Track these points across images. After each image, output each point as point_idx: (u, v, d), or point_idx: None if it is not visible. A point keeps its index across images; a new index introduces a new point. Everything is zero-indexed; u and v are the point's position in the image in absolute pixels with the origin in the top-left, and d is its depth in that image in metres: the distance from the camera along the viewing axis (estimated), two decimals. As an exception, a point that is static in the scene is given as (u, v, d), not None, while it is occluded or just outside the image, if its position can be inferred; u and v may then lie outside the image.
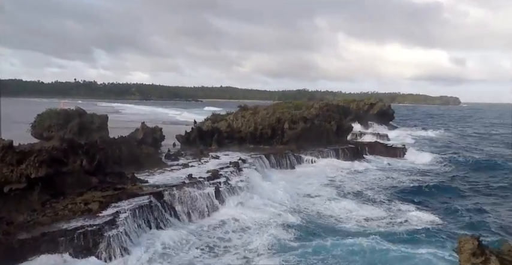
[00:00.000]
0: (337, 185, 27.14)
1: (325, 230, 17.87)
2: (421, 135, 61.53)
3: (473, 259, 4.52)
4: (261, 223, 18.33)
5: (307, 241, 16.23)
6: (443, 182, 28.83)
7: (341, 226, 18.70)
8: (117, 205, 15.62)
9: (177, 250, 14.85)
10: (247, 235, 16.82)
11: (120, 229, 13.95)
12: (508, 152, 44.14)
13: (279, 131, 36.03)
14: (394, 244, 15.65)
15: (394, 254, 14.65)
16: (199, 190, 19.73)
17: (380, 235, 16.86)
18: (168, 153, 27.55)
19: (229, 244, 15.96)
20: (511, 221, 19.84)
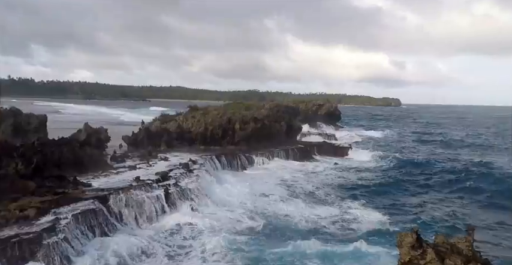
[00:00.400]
0: (289, 185, 27.48)
1: (280, 231, 17.99)
2: (366, 135, 64.24)
3: (412, 252, 4.69)
4: (214, 227, 18.12)
5: (264, 243, 16.25)
6: (387, 180, 30.30)
7: (296, 226, 18.91)
8: (57, 211, 14.71)
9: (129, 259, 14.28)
10: (201, 240, 16.43)
11: (60, 236, 13.16)
12: (439, 151, 47.43)
13: (229, 132, 35.95)
14: (345, 243, 16.20)
15: (346, 252, 15.16)
16: (147, 193, 19.15)
17: (331, 235, 17.42)
18: (114, 155, 26.52)
19: (183, 252, 15.58)
20: (445, 213, 21.34)
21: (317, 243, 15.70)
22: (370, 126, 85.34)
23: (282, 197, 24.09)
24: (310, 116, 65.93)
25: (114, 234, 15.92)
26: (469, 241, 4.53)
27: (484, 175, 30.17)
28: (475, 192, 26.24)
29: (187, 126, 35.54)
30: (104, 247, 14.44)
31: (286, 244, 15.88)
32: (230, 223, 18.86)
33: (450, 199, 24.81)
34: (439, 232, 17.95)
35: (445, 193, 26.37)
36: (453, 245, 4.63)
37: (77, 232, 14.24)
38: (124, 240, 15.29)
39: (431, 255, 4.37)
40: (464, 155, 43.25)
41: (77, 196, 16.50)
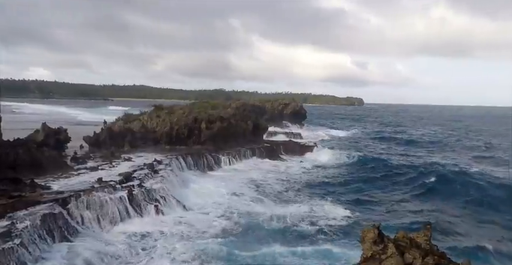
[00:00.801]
0: (259, 185, 27.49)
1: (253, 232, 17.96)
2: (330, 133, 65.43)
3: (374, 247, 4.80)
4: (180, 230, 17.86)
5: (237, 245, 16.16)
6: (350, 177, 31.10)
7: (269, 226, 18.94)
8: (13, 216, 14.04)
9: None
10: (166, 243, 16.09)
11: (16, 241, 12.53)
12: (400, 148, 49.43)
13: (195, 131, 35.58)
14: (316, 241, 16.61)
15: (317, 249, 15.54)
16: (110, 194, 18.62)
17: (301, 233, 17.69)
18: (75, 156, 25.62)
19: (148, 254, 15.23)
20: (401, 208, 22.29)
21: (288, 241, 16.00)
22: (335, 125, 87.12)
23: (248, 196, 24.14)
24: (276, 115, 66.50)
25: (76, 238, 15.36)
26: (427, 236, 4.70)
27: (437, 174, 31.34)
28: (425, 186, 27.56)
29: (151, 125, 34.85)
30: (63, 252, 13.92)
31: (255, 246, 15.92)
32: (197, 225, 18.66)
33: (411, 194, 25.86)
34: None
35: (406, 189, 27.35)
36: (412, 240, 4.78)
37: (34, 237, 13.61)
38: (87, 244, 14.82)
39: (392, 250, 4.48)
40: (420, 153, 45.17)
41: (34, 200, 15.80)
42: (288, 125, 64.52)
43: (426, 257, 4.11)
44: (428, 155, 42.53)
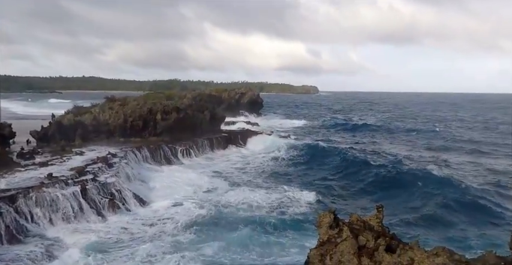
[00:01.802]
0: (225, 176, 27.36)
1: (227, 221, 18.00)
2: (287, 122, 66.14)
3: (330, 231, 4.95)
4: (145, 223, 17.61)
5: (211, 234, 16.29)
6: (307, 162, 31.94)
7: (243, 214, 19.13)
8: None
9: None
10: (134, 241, 15.75)
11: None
12: (348, 135, 51.30)
13: (151, 123, 34.75)
14: (288, 227, 17.15)
15: (289, 233, 16.13)
16: (62, 190, 17.90)
17: (274, 219, 18.17)
18: (21, 152, 24.28)
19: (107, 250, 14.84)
20: (353, 192, 23.73)
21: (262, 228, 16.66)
22: (291, 114, 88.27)
23: (203, 186, 24.14)
24: (233, 104, 66.31)
25: (25, 236, 14.67)
26: (379, 218, 4.91)
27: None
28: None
29: (104, 118, 33.58)
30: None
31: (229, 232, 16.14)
32: (154, 218, 18.43)
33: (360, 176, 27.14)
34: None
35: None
36: (365, 222, 4.98)
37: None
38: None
39: (346, 233, 4.66)
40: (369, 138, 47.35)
41: (-23, 199, 14.87)
42: (245, 114, 64.60)
43: (378, 239, 4.30)
44: (379, 143, 44.61)
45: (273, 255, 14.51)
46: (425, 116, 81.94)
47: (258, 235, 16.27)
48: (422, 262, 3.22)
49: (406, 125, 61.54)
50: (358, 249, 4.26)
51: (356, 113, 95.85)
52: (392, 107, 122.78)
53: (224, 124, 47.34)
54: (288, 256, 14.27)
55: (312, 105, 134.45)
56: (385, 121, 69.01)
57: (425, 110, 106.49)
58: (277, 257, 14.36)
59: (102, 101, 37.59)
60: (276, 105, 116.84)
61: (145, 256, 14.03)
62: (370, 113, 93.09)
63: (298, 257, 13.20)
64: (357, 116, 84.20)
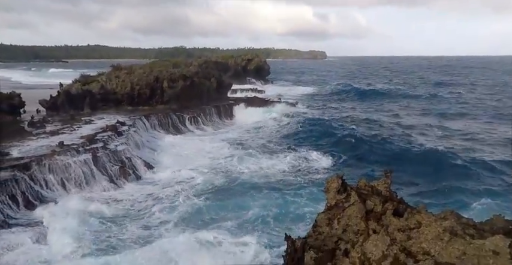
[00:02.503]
0: (234, 143, 27.49)
1: (242, 186, 18.34)
2: (294, 89, 65.52)
3: (338, 196, 5.03)
4: (156, 190, 17.94)
5: (226, 199, 16.60)
6: (322, 132, 31.84)
7: (257, 178, 19.55)
8: (-28, 184, 13.60)
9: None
10: (146, 208, 16.09)
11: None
12: (355, 102, 50.64)
13: (158, 91, 34.71)
14: (303, 189, 17.54)
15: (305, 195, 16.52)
16: (73, 158, 18.25)
17: (290, 182, 18.63)
18: (32, 121, 24.58)
19: (120, 215, 15.30)
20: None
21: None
22: (298, 80, 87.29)
23: (212, 153, 24.41)
24: (240, 71, 65.63)
25: (41, 202, 15.16)
26: (387, 184, 4.97)
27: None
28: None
29: (111, 86, 33.60)
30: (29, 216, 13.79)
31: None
32: (165, 185, 18.81)
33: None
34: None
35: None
36: (373, 187, 5.05)
37: (-3, 204, 13.34)
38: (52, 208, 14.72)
39: (354, 198, 4.75)
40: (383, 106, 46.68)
41: (-7, 167, 15.26)
42: (252, 81, 64.07)
43: (386, 203, 4.38)
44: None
45: (290, 214, 14.88)
46: (436, 80, 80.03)
47: (274, 198, 16.60)
48: (430, 226, 3.29)
49: (416, 90, 60.02)
50: (366, 213, 4.36)
51: (365, 78, 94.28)
52: (402, 71, 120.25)
53: (231, 91, 47.15)
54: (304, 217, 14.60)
55: (319, 70, 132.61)
56: (394, 86, 67.52)
57: (435, 74, 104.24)
58: (294, 214, 14.76)
59: (108, 69, 37.47)
60: (283, 72, 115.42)
61: (158, 223, 14.44)
62: (379, 78, 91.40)
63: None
64: (365, 81, 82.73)
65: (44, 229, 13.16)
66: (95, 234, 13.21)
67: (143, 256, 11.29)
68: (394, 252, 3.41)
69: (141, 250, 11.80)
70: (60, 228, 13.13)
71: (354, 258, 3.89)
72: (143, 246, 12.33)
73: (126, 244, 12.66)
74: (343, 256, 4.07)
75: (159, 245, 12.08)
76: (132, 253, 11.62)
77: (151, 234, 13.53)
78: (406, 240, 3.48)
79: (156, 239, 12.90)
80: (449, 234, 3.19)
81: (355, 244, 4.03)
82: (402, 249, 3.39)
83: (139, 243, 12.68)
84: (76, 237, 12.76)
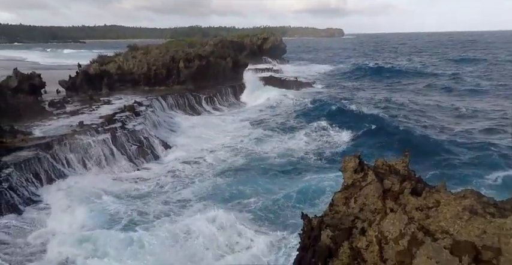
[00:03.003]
0: (252, 122, 27.59)
1: (263, 164, 18.54)
2: (311, 68, 64.69)
3: (354, 175, 5.02)
4: (174, 169, 18.22)
5: (248, 177, 16.76)
6: (342, 108, 31.64)
7: (277, 156, 19.74)
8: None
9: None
10: (166, 186, 16.39)
11: (4, 185, 12.70)
12: (374, 81, 49.51)
13: (174, 71, 34.75)
14: (325, 165, 17.69)
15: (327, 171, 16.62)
16: (93, 137, 18.62)
17: (311, 159, 18.73)
18: (52, 101, 25.04)
19: (138, 195, 15.62)
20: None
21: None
22: (315, 58, 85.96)
23: (230, 132, 24.50)
24: (256, 50, 64.88)
25: (63, 180, 15.61)
26: (406, 163, 4.93)
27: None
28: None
29: (128, 67, 33.78)
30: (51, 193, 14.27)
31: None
32: (183, 164, 19.06)
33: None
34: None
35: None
36: (391, 166, 5.01)
37: (21, 180, 13.79)
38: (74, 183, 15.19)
39: (371, 177, 4.72)
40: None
41: (16, 145, 15.74)
42: (268, 60, 63.37)
43: (404, 182, 4.35)
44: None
45: (311, 189, 15.09)
46: (458, 57, 77.23)
47: (296, 175, 16.79)
48: (449, 205, 3.25)
49: (438, 68, 58.01)
50: (383, 192, 4.33)
51: (383, 56, 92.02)
52: (422, 48, 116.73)
53: (247, 71, 46.83)
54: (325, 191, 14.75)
55: (336, 49, 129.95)
56: (415, 64, 65.63)
57: (457, 50, 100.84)
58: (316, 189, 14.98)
59: (125, 49, 37.59)
60: (300, 50, 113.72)
61: (177, 200, 14.73)
62: (398, 56, 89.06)
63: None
64: (384, 59, 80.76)
65: (66, 206, 13.59)
66: (116, 210, 13.58)
67: (166, 232, 11.62)
68: (411, 230, 3.40)
69: (164, 226, 12.13)
70: (81, 204, 13.57)
71: (371, 237, 3.90)
72: (165, 222, 12.65)
73: (149, 219, 12.99)
74: (359, 234, 4.09)
75: (181, 221, 12.39)
76: (154, 229, 11.97)
77: (171, 209, 13.84)
78: (424, 218, 3.47)
79: (178, 215, 13.20)
80: (469, 212, 3.16)
81: (372, 223, 4.04)
82: (420, 227, 3.38)
83: (161, 219, 13.00)
84: (98, 213, 13.18)
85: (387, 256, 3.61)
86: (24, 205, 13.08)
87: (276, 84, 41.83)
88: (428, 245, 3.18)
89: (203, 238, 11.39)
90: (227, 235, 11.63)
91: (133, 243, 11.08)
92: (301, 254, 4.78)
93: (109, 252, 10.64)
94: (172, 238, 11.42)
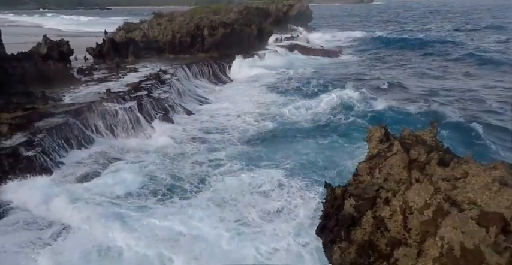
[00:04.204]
0: (279, 89, 27.48)
1: (291, 130, 18.82)
2: (337, 35, 62.48)
3: (380, 145, 4.96)
4: (200, 136, 18.54)
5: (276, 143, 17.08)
6: (367, 73, 30.97)
7: (305, 123, 19.95)
8: (30, 126, 14.60)
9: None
10: (197, 152, 16.69)
11: (37, 149, 13.26)
12: (405, 52, 47.26)
13: (198, 38, 34.50)
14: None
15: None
16: (120, 105, 18.97)
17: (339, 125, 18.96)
18: (81, 68, 25.46)
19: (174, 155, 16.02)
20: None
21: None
22: (342, 26, 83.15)
23: (257, 99, 24.41)
24: (281, 17, 63.34)
25: (92, 145, 16.15)
26: (433, 133, 4.82)
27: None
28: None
29: (153, 34, 33.75)
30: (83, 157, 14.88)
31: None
32: (209, 131, 19.31)
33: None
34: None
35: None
36: (418, 137, 4.92)
37: (53, 145, 14.33)
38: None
39: (397, 147, 4.66)
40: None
41: (48, 111, 16.23)
42: (293, 27, 61.81)
43: (431, 153, 4.27)
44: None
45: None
46: (496, 24, 71.84)
47: (323, 142, 16.92)
48: (478, 176, 3.19)
49: (475, 36, 53.76)
50: (409, 163, 4.28)
51: (415, 23, 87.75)
52: (457, 14, 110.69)
53: (272, 39, 45.96)
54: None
55: (365, 16, 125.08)
56: (449, 32, 61.64)
57: (495, 16, 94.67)
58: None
59: (150, 17, 37.41)
60: (327, 17, 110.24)
61: (209, 161, 15.20)
62: (431, 24, 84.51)
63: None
64: (416, 27, 76.94)
65: (98, 169, 14.19)
66: (145, 174, 14.09)
67: (200, 196, 12.15)
68: (437, 201, 3.37)
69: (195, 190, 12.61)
70: (114, 170, 14.15)
71: (395, 206, 3.90)
72: (196, 185, 13.13)
73: (181, 184, 13.47)
74: (383, 204, 4.09)
75: (212, 184, 12.92)
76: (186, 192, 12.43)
77: (203, 171, 14.37)
78: (451, 189, 3.42)
79: (209, 178, 13.72)
80: (499, 184, 3.09)
81: (397, 193, 4.02)
82: (446, 198, 3.34)
83: (193, 183, 13.46)
84: (131, 173, 13.76)
85: (411, 226, 3.61)
86: (55, 169, 13.66)
87: (301, 52, 41.08)
88: (454, 215, 3.16)
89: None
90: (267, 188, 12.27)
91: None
92: (323, 222, 4.85)
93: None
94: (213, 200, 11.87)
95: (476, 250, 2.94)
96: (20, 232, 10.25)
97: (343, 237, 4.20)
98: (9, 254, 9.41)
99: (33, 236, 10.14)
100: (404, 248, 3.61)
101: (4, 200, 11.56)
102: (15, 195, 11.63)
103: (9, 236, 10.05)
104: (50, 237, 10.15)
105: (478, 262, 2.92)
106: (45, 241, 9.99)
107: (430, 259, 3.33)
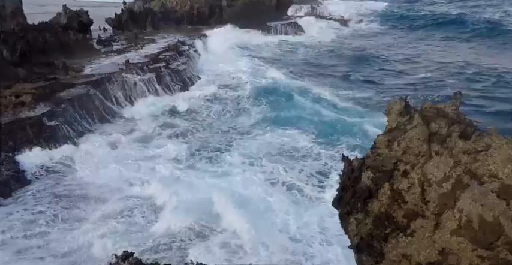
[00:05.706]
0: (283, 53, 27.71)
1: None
2: (361, 6, 59.35)
3: (399, 118, 4.88)
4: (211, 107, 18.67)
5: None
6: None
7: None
8: (53, 96, 14.88)
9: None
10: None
11: (60, 119, 13.57)
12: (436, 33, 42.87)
13: (216, 9, 34.01)
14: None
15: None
16: (139, 76, 19.07)
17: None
18: (100, 39, 25.51)
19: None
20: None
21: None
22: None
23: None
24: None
25: (112, 117, 16.41)
26: (456, 106, 4.68)
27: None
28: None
29: (171, 5, 33.39)
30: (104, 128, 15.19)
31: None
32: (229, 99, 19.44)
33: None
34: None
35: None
36: (440, 109, 4.79)
37: (75, 116, 14.63)
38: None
39: (417, 120, 4.57)
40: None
41: (69, 82, 16.45)
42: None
43: (452, 126, 4.17)
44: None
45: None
46: None
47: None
48: (500, 148, 3.13)
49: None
50: (429, 135, 4.19)
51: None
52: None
53: (290, 9, 44.84)
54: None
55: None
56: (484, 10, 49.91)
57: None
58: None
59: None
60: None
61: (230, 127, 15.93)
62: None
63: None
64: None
65: (119, 137, 14.56)
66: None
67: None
68: (457, 173, 3.33)
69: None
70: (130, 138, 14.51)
71: (413, 179, 3.88)
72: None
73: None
74: (401, 176, 4.07)
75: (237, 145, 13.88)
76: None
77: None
78: (472, 162, 3.37)
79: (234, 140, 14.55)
80: (522, 157, 3.03)
81: (415, 165, 3.98)
82: (467, 171, 3.30)
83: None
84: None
85: (429, 199, 3.60)
86: (77, 138, 14.01)
87: (319, 24, 40.04)
88: (474, 188, 3.13)
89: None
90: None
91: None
92: (340, 194, 4.88)
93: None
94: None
95: (495, 223, 2.93)
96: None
97: (359, 209, 4.22)
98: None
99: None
100: (422, 220, 3.61)
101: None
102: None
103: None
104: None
105: (497, 235, 2.91)
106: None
107: (448, 231, 3.34)
